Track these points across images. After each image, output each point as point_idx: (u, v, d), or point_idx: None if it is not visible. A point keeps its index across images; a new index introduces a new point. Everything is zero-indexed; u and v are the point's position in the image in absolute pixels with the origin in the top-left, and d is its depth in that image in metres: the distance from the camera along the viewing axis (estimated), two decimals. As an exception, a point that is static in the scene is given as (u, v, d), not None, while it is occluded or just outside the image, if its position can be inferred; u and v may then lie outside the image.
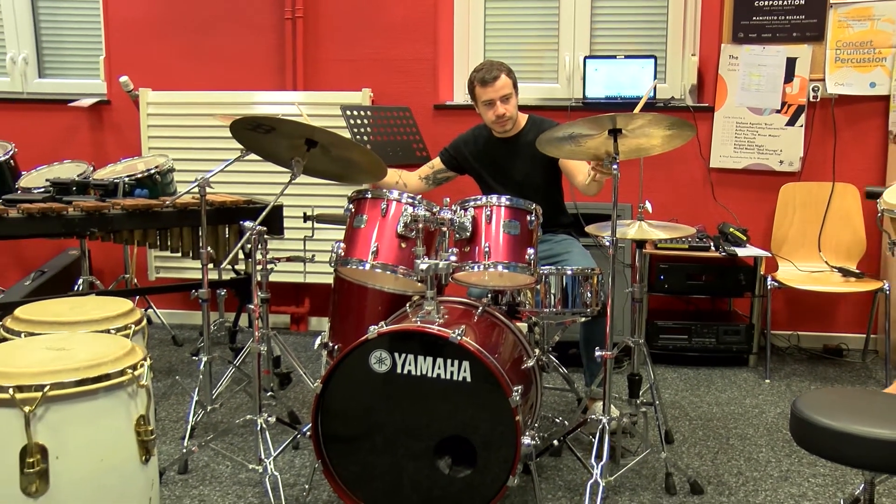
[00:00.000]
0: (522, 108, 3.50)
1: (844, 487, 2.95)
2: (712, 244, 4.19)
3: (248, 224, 2.78)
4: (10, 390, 1.70)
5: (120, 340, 1.95)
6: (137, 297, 4.71)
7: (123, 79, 4.75)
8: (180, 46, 4.93)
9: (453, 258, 2.70)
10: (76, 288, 4.59)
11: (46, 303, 2.25)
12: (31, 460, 1.71)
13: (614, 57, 4.60)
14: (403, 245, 2.75)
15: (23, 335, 2.02)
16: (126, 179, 3.84)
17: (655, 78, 4.52)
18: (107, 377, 1.79)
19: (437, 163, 3.60)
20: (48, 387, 1.71)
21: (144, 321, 2.22)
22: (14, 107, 5.09)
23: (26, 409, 1.70)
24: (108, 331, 2.08)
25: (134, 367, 1.86)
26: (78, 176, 3.89)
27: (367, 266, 2.73)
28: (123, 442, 1.84)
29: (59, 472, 1.74)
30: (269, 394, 3.49)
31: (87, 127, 5.08)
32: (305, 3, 4.78)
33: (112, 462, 1.82)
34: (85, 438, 1.78)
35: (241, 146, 2.97)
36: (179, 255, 3.95)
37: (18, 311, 2.13)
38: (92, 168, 4.08)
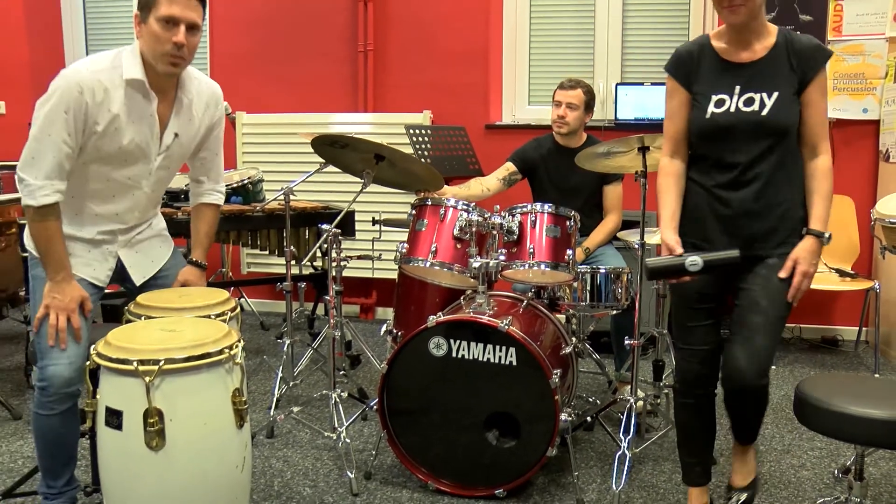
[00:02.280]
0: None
1: (838, 459, 2.91)
2: (728, 248, 4.13)
3: (325, 227, 2.81)
4: (135, 363, 1.76)
5: (219, 325, 1.98)
6: (232, 288, 4.81)
7: (223, 104, 4.83)
8: (270, 76, 5.01)
9: (502, 258, 2.71)
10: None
11: (160, 292, 2.30)
12: (152, 421, 1.76)
13: (642, 84, 4.55)
14: (459, 246, 2.75)
15: (142, 318, 2.08)
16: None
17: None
18: (208, 355, 1.82)
19: (510, 166, 3.56)
20: (163, 361, 1.76)
21: (238, 309, 2.26)
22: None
23: (147, 379, 1.75)
24: (208, 316, 2.12)
25: (230, 348, 1.88)
26: (185, 185, 3.97)
27: (428, 264, 2.74)
28: (222, 410, 1.86)
29: (173, 432, 1.78)
30: (341, 373, 3.53)
31: (191, 144, 5.19)
32: (375, 38, 4.82)
33: (213, 426, 1.85)
34: (191, 405, 1.81)
35: (320, 160, 3.01)
36: (267, 252, 4.01)
37: (139, 299, 2.18)
38: (196, 178, 4.16)
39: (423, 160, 3.85)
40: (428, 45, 4.78)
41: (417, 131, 4.14)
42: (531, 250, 2.70)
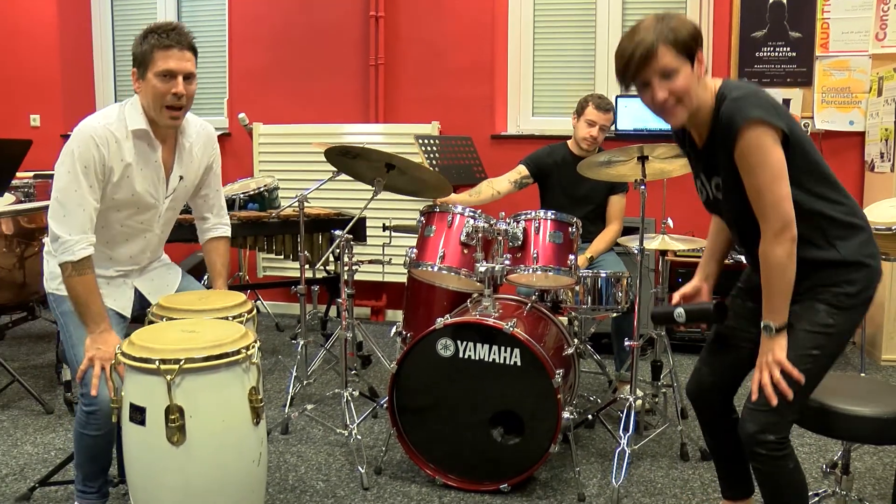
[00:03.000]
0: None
1: (826, 454, 2.90)
2: (723, 253, 4.11)
3: (337, 232, 2.81)
4: (157, 362, 1.76)
5: (236, 326, 1.98)
6: (249, 291, 4.81)
7: (241, 115, 4.86)
8: (286, 89, 5.03)
9: (507, 262, 2.70)
10: (202, 283, 4.69)
11: (180, 294, 2.31)
12: (173, 417, 1.76)
13: (641, 96, 4.55)
14: (465, 251, 2.75)
15: (164, 319, 2.08)
16: (241, 195, 3.92)
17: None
18: (226, 355, 1.82)
19: (523, 170, 3.54)
20: (183, 361, 1.76)
21: (255, 311, 2.26)
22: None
23: (168, 377, 1.75)
24: (226, 318, 2.12)
25: (247, 348, 1.88)
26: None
27: (436, 268, 2.74)
28: (239, 407, 1.86)
29: (192, 428, 1.78)
30: (353, 372, 3.52)
31: (211, 154, 5.22)
32: (386, 53, 4.83)
33: (231, 423, 1.85)
34: (210, 403, 1.81)
35: (333, 169, 3.01)
36: (282, 257, 4.01)
37: (161, 301, 2.19)
38: (215, 187, 4.17)
39: (431, 168, 3.85)
40: (436, 60, 4.79)
41: (426, 141, 4.14)
42: (535, 255, 2.69)
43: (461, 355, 2.56)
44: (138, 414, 1.80)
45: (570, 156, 3.49)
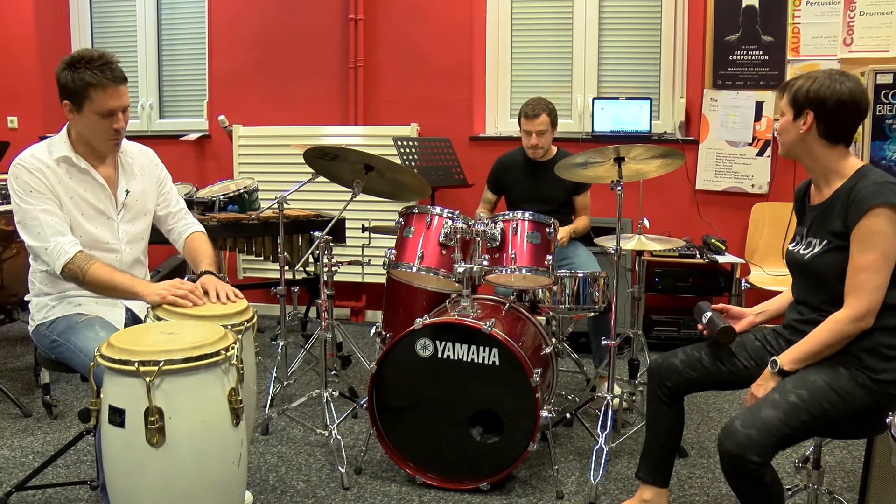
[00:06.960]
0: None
1: (798, 449, 2.90)
2: (697, 253, 4.16)
3: (317, 234, 2.80)
4: (136, 364, 1.74)
5: (216, 327, 1.96)
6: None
7: (221, 117, 4.82)
8: (265, 91, 5.00)
9: (485, 263, 2.71)
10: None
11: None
12: (152, 419, 1.75)
13: (617, 98, 4.58)
14: (444, 252, 2.76)
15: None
16: (221, 197, 3.89)
17: (651, 116, 4.50)
18: (206, 356, 1.80)
19: (490, 194, 3.70)
20: (162, 362, 1.74)
21: (255, 317, 2.26)
22: (141, 142, 5.18)
23: (147, 379, 1.74)
24: (226, 326, 2.07)
25: (227, 349, 1.87)
26: (185, 195, 3.94)
27: (414, 269, 2.75)
28: (219, 408, 1.85)
29: (172, 430, 1.77)
30: (333, 372, 3.51)
31: (192, 156, 5.17)
32: (365, 56, 4.82)
33: (211, 424, 1.83)
34: (190, 404, 1.79)
35: (312, 171, 3.00)
36: (262, 258, 3.99)
37: (165, 304, 2.17)
38: (195, 188, 4.13)
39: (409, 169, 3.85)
40: (415, 62, 4.79)
41: (405, 143, 4.14)
42: (513, 256, 2.70)
43: (440, 355, 2.56)
44: (117, 416, 1.78)
45: (524, 160, 3.56)
